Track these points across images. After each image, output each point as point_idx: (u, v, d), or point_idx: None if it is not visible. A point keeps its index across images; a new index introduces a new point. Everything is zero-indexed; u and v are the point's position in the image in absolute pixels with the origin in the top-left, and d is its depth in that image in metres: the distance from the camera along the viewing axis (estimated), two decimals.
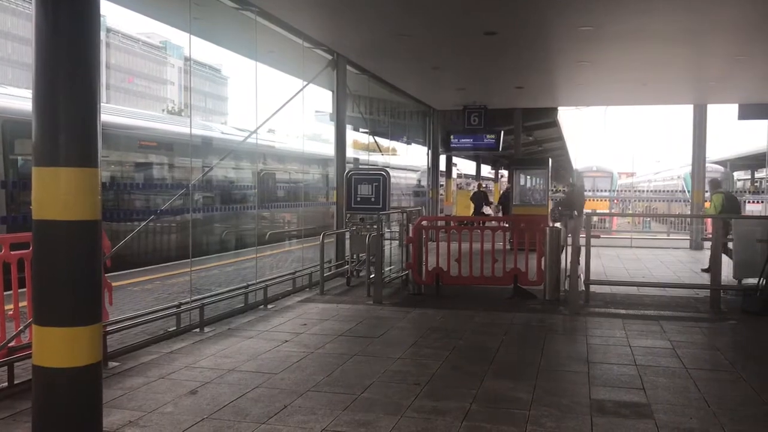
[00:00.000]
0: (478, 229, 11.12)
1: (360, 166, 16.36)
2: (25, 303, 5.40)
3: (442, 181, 23.08)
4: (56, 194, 3.41)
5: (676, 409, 4.65)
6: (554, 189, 23.60)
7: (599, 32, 9.46)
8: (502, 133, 17.73)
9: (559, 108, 20.28)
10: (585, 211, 14.91)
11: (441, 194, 22.27)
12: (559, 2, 8.19)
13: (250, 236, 14.81)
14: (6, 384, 4.83)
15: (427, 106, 18.58)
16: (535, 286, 9.07)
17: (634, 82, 13.55)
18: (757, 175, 35.77)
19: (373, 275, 9.08)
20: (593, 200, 25.84)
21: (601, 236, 18.56)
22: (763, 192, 24.87)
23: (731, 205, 11.62)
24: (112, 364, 5.59)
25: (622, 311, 8.31)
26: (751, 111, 16.47)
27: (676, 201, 24.58)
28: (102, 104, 3.68)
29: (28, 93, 3.73)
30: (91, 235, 3.53)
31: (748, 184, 35.21)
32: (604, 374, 5.53)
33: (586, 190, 18.90)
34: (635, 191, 28.59)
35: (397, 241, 10.57)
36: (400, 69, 12.98)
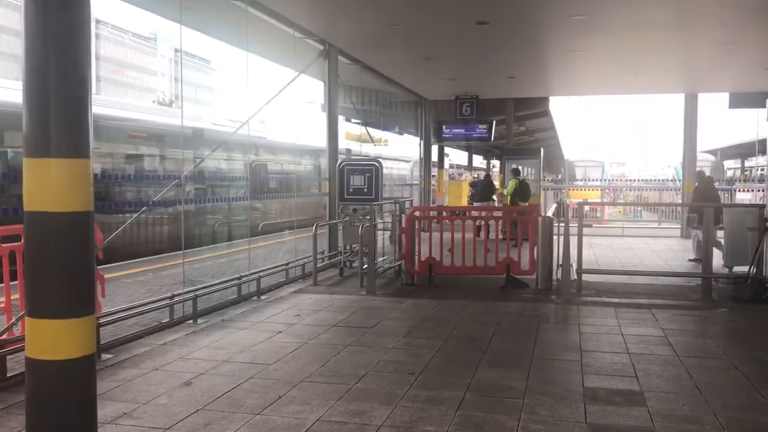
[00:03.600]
0: (470, 219, 11.12)
1: (352, 157, 16.34)
2: (17, 296, 5.38)
3: (434, 171, 23.05)
4: (47, 185, 3.37)
5: (668, 397, 4.68)
6: (544, 178, 23.65)
7: (591, 21, 9.45)
8: (494, 123, 17.72)
9: (551, 98, 20.28)
10: (577, 200, 15.11)
11: (433, 184, 22.26)
12: None
13: (243, 227, 14.80)
14: None
15: (419, 96, 18.54)
16: (527, 276, 9.10)
17: (626, 71, 13.56)
18: (747, 163, 35.95)
19: (365, 266, 9.08)
20: (584, 189, 25.92)
21: (593, 225, 18.62)
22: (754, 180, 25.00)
23: (522, 191, 15.01)
24: (105, 356, 5.57)
25: (615, 300, 8.35)
26: (741, 100, 16.52)
27: (667, 190, 24.70)
28: (92, 96, 3.65)
29: (17, 84, 3.70)
30: (83, 227, 3.50)
31: (738, 172, 35.41)
32: (597, 362, 5.56)
33: (577, 179, 19.29)
34: (626, 180, 28.70)
35: (390, 232, 10.57)
36: (392, 59, 12.93)
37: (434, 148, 22.17)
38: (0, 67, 67.69)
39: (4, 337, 5.11)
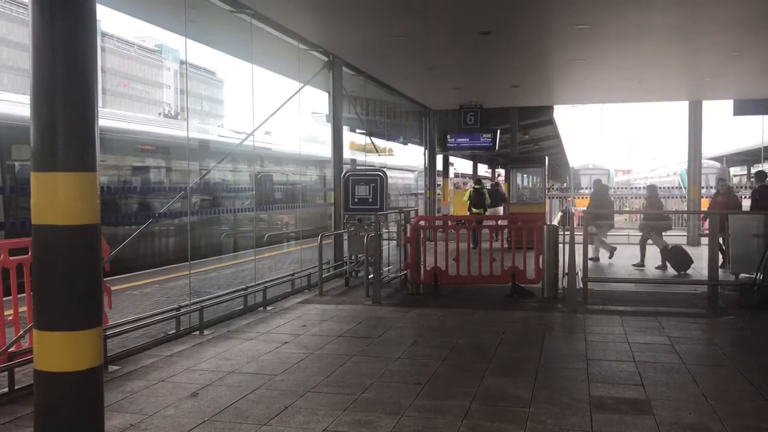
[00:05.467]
0: (475, 228, 11.13)
1: (357, 167, 16.37)
2: (24, 308, 5.42)
3: (439, 180, 23.09)
4: (55, 199, 3.42)
5: (675, 405, 4.67)
6: (550, 187, 23.64)
7: (594, 30, 9.48)
8: (499, 132, 17.76)
9: (555, 106, 20.31)
10: (583, 208, 15.30)
11: (438, 193, 22.28)
12: (553, 0, 8.22)
13: (249, 238, 14.82)
14: (6, 389, 4.84)
15: (423, 106, 18.59)
16: (533, 284, 9.09)
17: (630, 79, 13.58)
18: (753, 170, 35.86)
19: (371, 276, 9.09)
20: (590, 198, 25.84)
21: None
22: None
23: (477, 198, 16.56)
24: (112, 367, 5.60)
25: (620, 308, 8.33)
26: (746, 107, 16.50)
27: (672, 197, 24.62)
28: (99, 109, 3.69)
29: (25, 98, 3.74)
30: (90, 239, 3.54)
31: (744, 179, 35.31)
32: (603, 371, 5.55)
33: (583, 187, 19.54)
34: (632, 188, 28.63)
35: (395, 241, 10.58)
36: (396, 69, 12.99)
37: (439, 158, 22.21)
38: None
39: (12, 349, 5.14)
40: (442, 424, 4.31)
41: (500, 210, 18.28)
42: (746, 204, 19.96)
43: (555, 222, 10.43)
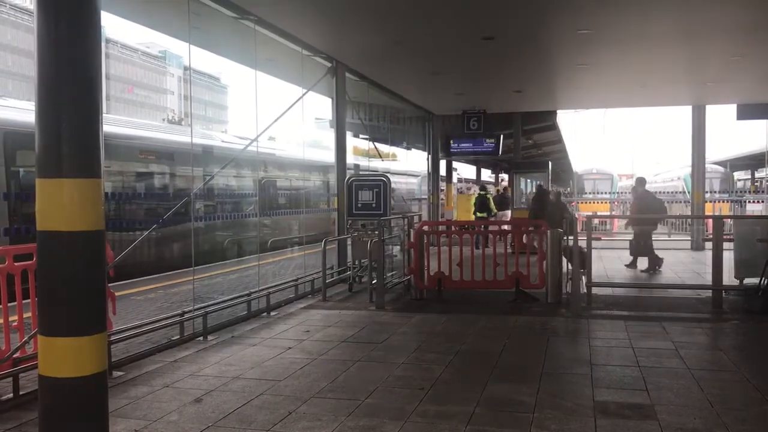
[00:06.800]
0: (478, 233, 11.12)
1: (360, 172, 16.39)
2: (29, 314, 5.43)
3: (443, 185, 23.10)
4: (59, 205, 3.43)
5: (679, 410, 4.66)
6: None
7: (597, 35, 9.49)
8: (502, 137, 17.77)
9: (558, 111, 20.31)
10: (586, 213, 15.38)
11: (441, 199, 22.28)
12: (556, 6, 8.23)
13: (252, 244, 14.85)
14: (11, 395, 4.85)
15: (427, 111, 18.62)
16: (537, 289, 9.08)
17: (633, 84, 13.59)
18: (757, 174, 35.81)
19: (375, 281, 9.09)
20: (593, 202, 25.87)
21: (602, 238, 18.55)
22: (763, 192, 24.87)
23: (481, 203, 16.94)
24: (116, 373, 5.60)
25: (625, 313, 8.31)
26: (749, 111, 16.49)
27: (676, 202, 24.57)
28: (103, 115, 3.70)
29: (30, 105, 3.76)
30: (94, 245, 3.55)
31: (749, 183, 35.24)
32: (607, 376, 5.54)
33: (586, 193, 19.62)
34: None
35: (399, 247, 10.59)
36: (399, 75, 13.02)
37: (442, 163, 22.22)
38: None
39: (17, 355, 5.15)
40: (447, 429, 4.30)
41: (509, 214, 18.43)
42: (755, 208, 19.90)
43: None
